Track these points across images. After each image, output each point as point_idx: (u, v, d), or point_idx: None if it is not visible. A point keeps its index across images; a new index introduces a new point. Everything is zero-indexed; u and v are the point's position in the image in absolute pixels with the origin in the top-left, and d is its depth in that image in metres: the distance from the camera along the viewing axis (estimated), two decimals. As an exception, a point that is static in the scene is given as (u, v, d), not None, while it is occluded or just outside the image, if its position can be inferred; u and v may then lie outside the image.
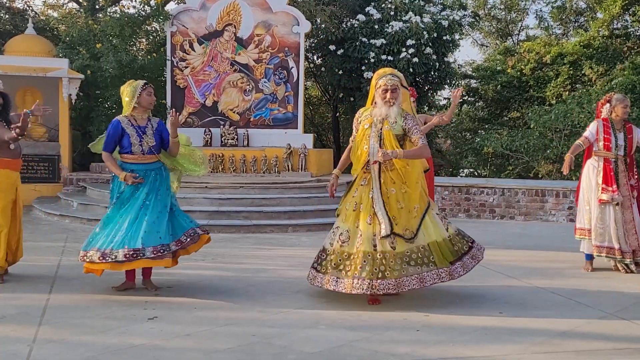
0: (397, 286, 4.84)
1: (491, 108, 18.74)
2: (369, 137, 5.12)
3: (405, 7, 14.12)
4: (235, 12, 13.13)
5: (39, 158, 11.78)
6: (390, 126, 5.05)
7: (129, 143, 5.42)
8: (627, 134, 6.56)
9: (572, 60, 16.83)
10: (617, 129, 6.56)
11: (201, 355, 3.88)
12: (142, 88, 5.47)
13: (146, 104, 5.49)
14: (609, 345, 4.22)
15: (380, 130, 5.08)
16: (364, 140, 5.15)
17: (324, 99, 18.35)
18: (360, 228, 5.00)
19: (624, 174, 6.50)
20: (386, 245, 4.89)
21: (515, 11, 24.12)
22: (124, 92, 5.49)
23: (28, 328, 4.34)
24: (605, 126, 6.54)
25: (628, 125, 6.63)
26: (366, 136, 5.14)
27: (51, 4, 19.01)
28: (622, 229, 6.37)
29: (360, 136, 5.20)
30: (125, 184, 5.34)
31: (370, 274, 4.81)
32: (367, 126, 5.15)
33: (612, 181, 6.41)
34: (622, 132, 6.55)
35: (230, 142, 12.68)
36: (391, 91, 5.06)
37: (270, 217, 9.53)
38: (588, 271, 6.52)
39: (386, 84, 5.06)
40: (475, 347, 4.10)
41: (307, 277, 5.30)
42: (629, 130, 6.59)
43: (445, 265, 5.02)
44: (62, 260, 6.70)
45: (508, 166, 15.83)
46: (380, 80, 5.11)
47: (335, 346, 4.07)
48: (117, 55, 12.39)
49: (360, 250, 4.90)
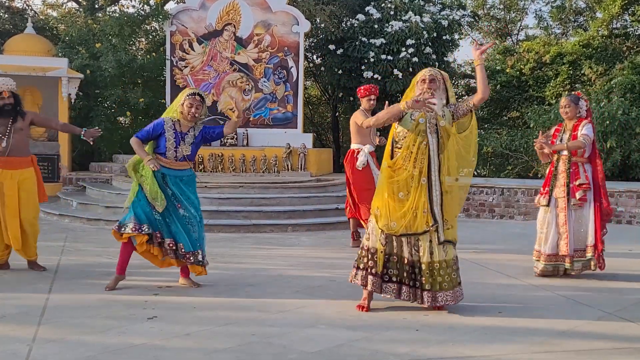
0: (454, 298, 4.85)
1: (490, 108, 18.71)
2: (424, 132, 4.78)
3: (405, 7, 14.13)
4: (234, 11, 13.13)
5: (38, 157, 11.61)
6: (444, 120, 4.81)
7: (164, 146, 5.42)
8: (572, 131, 6.21)
9: (571, 60, 16.82)
10: (568, 129, 6.28)
11: (201, 355, 3.88)
12: (186, 97, 5.45)
13: (185, 114, 5.43)
14: (609, 345, 4.22)
15: (436, 125, 4.82)
16: (420, 136, 4.78)
17: (324, 99, 18.35)
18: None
19: (563, 174, 6.18)
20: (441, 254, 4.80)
21: (514, 11, 24.10)
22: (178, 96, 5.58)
23: (27, 328, 4.34)
24: (556, 130, 6.40)
25: (578, 122, 6.23)
26: (421, 132, 4.78)
27: (50, 4, 19.00)
28: (556, 232, 6.16)
29: (414, 133, 4.79)
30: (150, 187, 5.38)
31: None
32: (423, 121, 4.80)
33: (547, 183, 6.25)
34: (569, 132, 6.26)
35: (229, 141, 12.68)
36: (429, 81, 4.85)
37: (269, 217, 9.53)
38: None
39: (423, 74, 4.90)
40: (475, 346, 4.10)
41: None
42: (575, 127, 6.22)
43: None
44: (61, 259, 6.70)
45: (507, 166, 15.81)
46: (419, 75, 4.96)
47: (335, 346, 4.07)
48: (117, 55, 12.39)
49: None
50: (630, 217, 10.40)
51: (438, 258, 4.76)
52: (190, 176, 5.58)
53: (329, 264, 6.76)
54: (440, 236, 4.78)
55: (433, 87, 4.85)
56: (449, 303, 4.81)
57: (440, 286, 4.76)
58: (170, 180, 5.45)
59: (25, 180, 5.98)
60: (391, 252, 4.80)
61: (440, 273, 4.77)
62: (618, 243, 8.46)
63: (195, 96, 5.44)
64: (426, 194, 4.77)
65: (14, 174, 5.91)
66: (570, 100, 6.26)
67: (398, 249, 4.80)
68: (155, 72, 13.60)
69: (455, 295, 4.84)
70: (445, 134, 4.85)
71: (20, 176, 5.94)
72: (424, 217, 4.75)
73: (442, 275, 4.77)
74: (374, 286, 4.79)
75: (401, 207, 4.77)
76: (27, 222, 5.98)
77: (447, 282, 4.79)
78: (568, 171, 6.17)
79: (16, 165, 5.94)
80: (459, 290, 4.88)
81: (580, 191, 6.13)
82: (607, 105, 12.94)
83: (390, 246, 4.80)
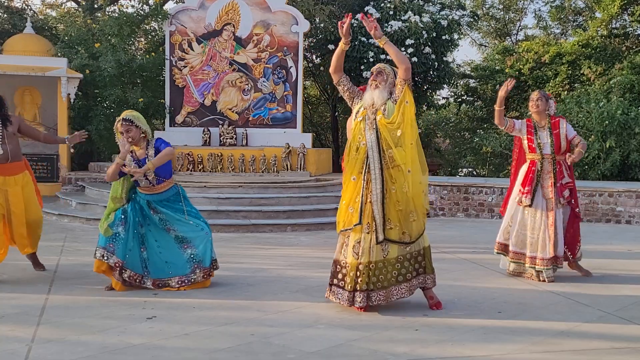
0: (387, 296, 4.81)
1: (490, 107, 18.71)
2: (364, 130, 4.77)
3: (404, 7, 14.13)
4: (234, 11, 13.13)
5: (37, 157, 11.78)
6: (383, 115, 4.73)
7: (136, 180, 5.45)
8: (552, 130, 6.08)
9: (570, 60, 16.83)
10: (541, 127, 6.13)
11: (200, 354, 3.88)
12: (116, 126, 5.44)
13: (127, 142, 5.39)
14: (608, 345, 4.22)
15: (374, 120, 4.76)
16: (359, 135, 4.79)
17: (323, 99, 18.36)
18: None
19: (549, 174, 6.03)
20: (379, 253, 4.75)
21: (513, 11, 24.13)
22: None
23: (27, 327, 4.34)
24: (528, 126, 6.16)
25: (554, 120, 6.13)
26: (360, 130, 4.80)
27: (50, 3, 19.00)
28: (537, 234, 6.02)
29: (355, 132, 4.83)
30: None
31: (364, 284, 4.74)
32: (361, 119, 4.81)
33: (529, 182, 6.04)
34: (546, 129, 6.10)
35: (229, 141, 12.68)
36: (377, 74, 4.89)
37: (269, 217, 9.53)
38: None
39: (373, 69, 4.98)
40: (474, 346, 4.10)
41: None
42: (554, 125, 6.10)
43: (431, 271, 4.96)
44: (61, 259, 6.70)
45: (507, 165, 15.82)
46: (375, 66, 5.03)
47: (334, 345, 4.07)
48: (116, 55, 12.38)
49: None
50: (630, 217, 10.41)
51: (375, 258, 4.74)
52: (176, 194, 5.58)
53: (328, 264, 6.72)
54: (378, 235, 4.73)
55: (379, 80, 4.88)
56: (381, 302, 4.80)
57: (374, 285, 4.74)
58: (157, 205, 5.49)
59: (27, 184, 5.98)
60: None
61: (375, 273, 4.74)
62: (617, 243, 8.47)
63: (122, 122, 5.39)
64: (359, 191, 4.76)
65: (17, 180, 5.89)
66: (542, 95, 6.16)
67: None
68: (155, 72, 13.59)
69: (388, 294, 4.78)
70: (384, 127, 4.74)
71: (22, 180, 5.93)
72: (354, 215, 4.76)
73: (377, 275, 4.74)
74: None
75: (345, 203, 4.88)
76: (35, 224, 6.00)
77: (382, 282, 4.75)
78: (554, 171, 6.05)
79: (17, 171, 5.91)
80: (396, 288, 4.80)
81: (567, 190, 6.12)
82: (606, 105, 12.95)
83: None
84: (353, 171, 4.82)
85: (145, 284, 5.41)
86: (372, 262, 4.74)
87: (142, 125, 5.46)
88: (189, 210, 5.61)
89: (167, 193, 5.53)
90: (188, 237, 5.52)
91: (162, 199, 5.51)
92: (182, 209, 5.56)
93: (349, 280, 4.77)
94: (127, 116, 5.42)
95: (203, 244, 5.53)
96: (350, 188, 4.86)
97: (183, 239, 5.51)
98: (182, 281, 5.45)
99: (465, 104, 19.74)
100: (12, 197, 5.84)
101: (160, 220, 5.51)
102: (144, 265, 5.43)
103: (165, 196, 5.52)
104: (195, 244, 5.51)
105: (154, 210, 5.51)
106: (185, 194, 5.72)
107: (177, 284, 5.44)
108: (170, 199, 5.55)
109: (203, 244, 5.53)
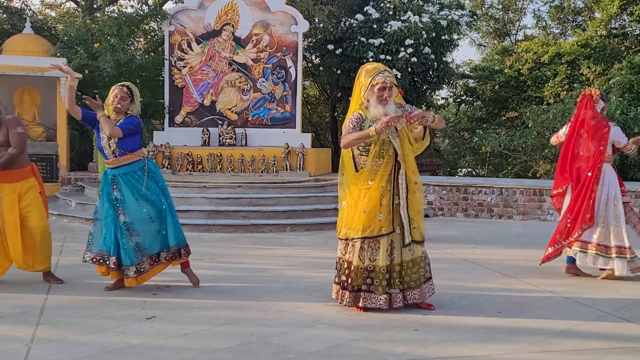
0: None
1: (489, 108, 18.74)
2: (389, 139, 4.79)
3: (404, 7, 14.13)
4: (233, 11, 13.13)
5: (36, 158, 11.76)
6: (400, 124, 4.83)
7: (100, 145, 5.37)
8: None
9: (569, 60, 16.84)
10: None
11: (200, 354, 3.88)
12: (114, 87, 5.39)
13: (112, 105, 5.34)
14: (607, 345, 4.22)
15: (396, 129, 4.82)
16: (384, 146, 4.78)
17: (322, 99, 18.36)
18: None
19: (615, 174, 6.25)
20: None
21: (512, 11, 24.14)
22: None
23: (26, 327, 4.34)
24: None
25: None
26: (385, 140, 4.78)
27: (49, 3, 18.99)
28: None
29: (377, 141, 4.77)
30: None
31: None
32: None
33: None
34: None
35: (228, 141, 12.68)
36: (389, 89, 4.78)
37: (268, 217, 9.53)
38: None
39: (384, 81, 4.75)
40: (474, 346, 4.10)
41: None
42: None
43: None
44: (60, 259, 6.70)
45: (506, 166, 15.84)
46: (378, 77, 4.75)
47: (333, 345, 4.07)
48: (115, 55, 12.38)
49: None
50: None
51: (406, 258, 4.85)
52: (142, 168, 5.39)
53: (328, 264, 6.75)
54: (406, 239, 4.82)
55: (390, 94, 4.80)
56: (416, 301, 4.88)
57: (408, 285, 4.83)
58: (121, 179, 5.32)
59: (29, 189, 5.61)
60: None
61: (407, 272, 4.84)
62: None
63: (123, 87, 5.34)
64: (389, 198, 4.80)
65: (13, 187, 5.53)
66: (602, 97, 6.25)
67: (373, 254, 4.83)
68: (154, 72, 13.59)
69: (422, 293, 4.90)
70: (403, 135, 4.85)
71: (21, 188, 5.57)
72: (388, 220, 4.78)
73: (410, 275, 4.84)
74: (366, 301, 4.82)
75: (371, 211, 4.78)
76: (38, 231, 5.56)
77: (415, 281, 4.86)
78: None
79: (16, 178, 5.55)
80: (426, 286, 4.93)
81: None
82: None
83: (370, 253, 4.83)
84: (377, 178, 4.80)
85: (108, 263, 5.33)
86: (405, 262, 4.83)
87: (136, 104, 5.43)
88: (159, 188, 5.44)
89: (133, 166, 5.38)
90: (135, 227, 5.30)
91: (126, 172, 5.35)
92: (154, 184, 5.41)
93: (379, 283, 4.77)
94: (130, 86, 5.38)
95: (167, 224, 5.38)
96: (372, 194, 4.79)
97: (130, 225, 5.30)
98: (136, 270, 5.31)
99: (464, 104, 19.76)
100: (5, 204, 5.49)
101: (115, 200, 5.32)
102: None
103: (130, 169, 5.36)
104: (141, 234, 5.31)
105: (115, 187, 5.32)
106: (155, 168, 5.54)
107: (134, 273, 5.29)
108: (138, 173, 5.38)
109: (167, 224, 5.38)
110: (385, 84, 4.76)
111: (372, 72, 4.83)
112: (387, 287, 4.79)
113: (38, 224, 5.57)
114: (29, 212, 5.57)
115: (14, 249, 5.51)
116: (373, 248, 4.81)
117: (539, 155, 13.77)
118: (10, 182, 5.54)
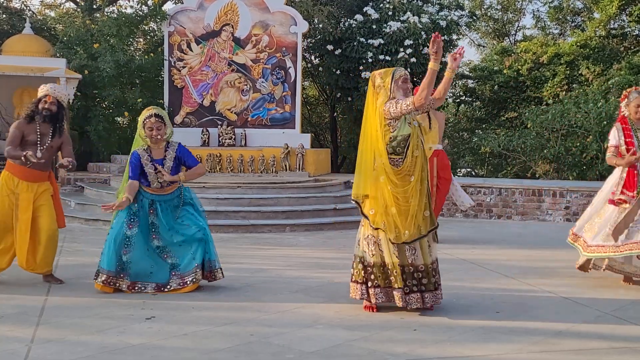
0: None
1: (488, 108, 18.76)
2: (420, 135, 4.82)
3: (403, 7, 14.14)
4: (232, 12, 13.14)
5: (36, 158, 11.77)
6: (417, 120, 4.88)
7: (147, 180, 5.40)
8: None
9: (568, 60, 16.86)
10: (638, 128, 5.80)
11: (199, 354, 3.88)
12: (144, 121, 5.35)
13: (149, 138, 5.37)
14: (606, 345, 4.23)
15: (417, 124, 4.83)
16: (418, 141, 4.76)
17: (322, 99, 18.36)
18: None
19: None
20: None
21: (512, 11, 24.15)
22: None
23: (26, 328, 4.34)
24: (624, 129, 5.80)
25: None
26: (418, 135, 4.79)
27: (48, 4, 18.99)
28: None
29: (414, 136, 4.75)
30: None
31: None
32: (416, 124, 4.81)
33: (634, 186, 5.69)
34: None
35: (227, 142, 12.68)
36: (409, 81, 4.94)
37: (267, 217, 9.54)
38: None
39: (405, 74, 4.87)
40: (473, 346, 4.11)
41: None
42: None
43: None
44: (60, 260, 6.69)
45: (505, 166, 15.84)
46: (397, 73, 4.81)
47: (333, 345, 4.08)
48: (115, 55, 12.39)
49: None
50: (628, 217, 10.40)
51: (432, 259, 4.84)
52: (178, 196, 5.53)
53: (327, 264, 6.77)
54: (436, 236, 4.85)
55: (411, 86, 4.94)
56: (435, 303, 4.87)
57: (426, 287, 4.81)
58: (160, 206, 5.42)
59: (44, 191, 5.65)
60: (404, 262, 4.74)
61: (426, 275, 4.80)
62: (615, 243, 8.47)
63: (151, 118, 5.32)
64: (426, 195, 4.77)
65: (30, 187, 5.59)
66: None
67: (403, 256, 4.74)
68: (153, 72, 13.59)
69: (436, 297, 4.88)
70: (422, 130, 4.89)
71: (38, 188, 5.62)
72: (426, 220, 4.76)
73: (428, 277, 4.80)
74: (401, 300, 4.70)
75: (407, 213, 4.69)
76: (46, 233, 5.56)
77: (433, 284, 4.85)
78: None
79: (36, 179, 5.61)
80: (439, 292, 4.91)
81: None
82: (605, 106, 12.96)
83: (402, 256, 4.73)
84: (415, 172, 4.74)
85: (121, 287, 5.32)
86: (428, 264, 4.80)
87: (169, 126, 5.48)
88: (184, 214, 5.50)
89: (173, 194, 5.53)
90: (171, 249, 5.43)
91: (166, 199, 5.50)
92: (192, 209, 5.55)
93: (393, 280, 4.72)
94: (158, 112, 5.38)
95: (187, 257, 5.42)
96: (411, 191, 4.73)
97: (163, 248, 5.43)
98: (158, 287, 5.37)
99: (463, 105, 19.77)
100: (21, 202, 5.55)
101: (152, 225, 5.43)
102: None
103: (170, 197, 5.52)
104: (177, 256, 5.42)
105: (153, 212, 5.44)
106: (191, 193, 5.67)
107: (154, 289, 5.36)
108: (175, 202, 5.53)
109: (187, 257, 5.42)
110: (407, 76, 4.90)
111: (388, 72, 4.89)
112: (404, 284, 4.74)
113: (47, 227, 5.59)
114: (40, 213, 5.61)
115: (20, 248, 5.56)
116: (378, 242, 4.77)
117: (538, 155, 13.78)
118: (29, 180, 5.60)
